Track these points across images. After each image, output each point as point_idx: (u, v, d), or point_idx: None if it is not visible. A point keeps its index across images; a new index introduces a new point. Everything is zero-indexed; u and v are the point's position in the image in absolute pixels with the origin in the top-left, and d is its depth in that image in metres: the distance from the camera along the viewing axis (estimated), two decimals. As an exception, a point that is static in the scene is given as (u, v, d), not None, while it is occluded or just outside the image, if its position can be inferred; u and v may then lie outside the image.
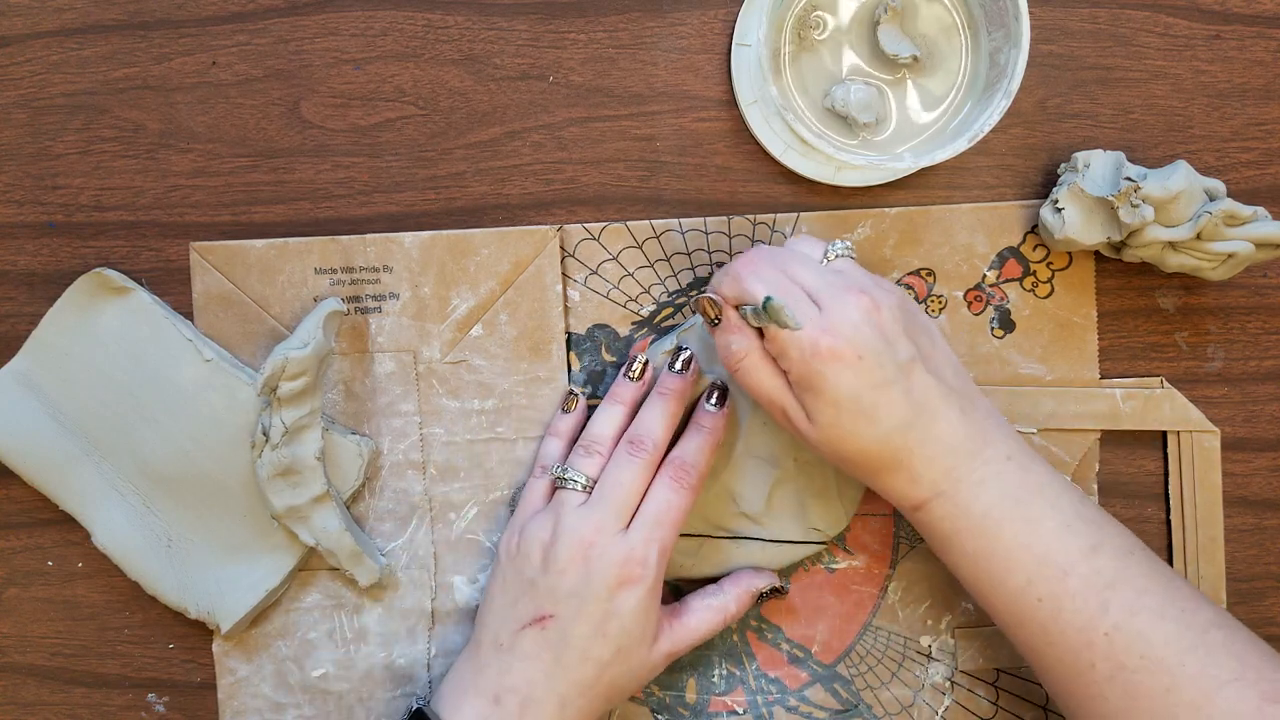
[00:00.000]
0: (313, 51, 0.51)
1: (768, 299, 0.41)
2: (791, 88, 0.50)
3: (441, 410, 0.51)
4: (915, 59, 0.49)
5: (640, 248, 0.51)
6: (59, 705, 0.52)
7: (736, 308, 0.45)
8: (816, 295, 0.43)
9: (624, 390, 0.49)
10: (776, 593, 0.50)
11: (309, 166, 0.51)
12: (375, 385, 0.51)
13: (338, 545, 0.49)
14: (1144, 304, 0.53)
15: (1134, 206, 0.47)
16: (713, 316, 0.45)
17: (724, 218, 0.51)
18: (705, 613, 0.48)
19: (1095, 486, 0.52)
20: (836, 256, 0.46)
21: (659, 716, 0.52)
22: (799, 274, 0.44)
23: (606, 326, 0.52)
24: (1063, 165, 0.51)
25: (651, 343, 0.52)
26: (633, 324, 0.52)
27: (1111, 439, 0.53)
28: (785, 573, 0.52)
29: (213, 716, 0.52)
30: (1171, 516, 0.53)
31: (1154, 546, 0.53)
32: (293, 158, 0.51)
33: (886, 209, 0.52)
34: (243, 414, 0.49)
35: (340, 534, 0.49)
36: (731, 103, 0.52)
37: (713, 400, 0.49)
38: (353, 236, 0.51)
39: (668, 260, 0.52)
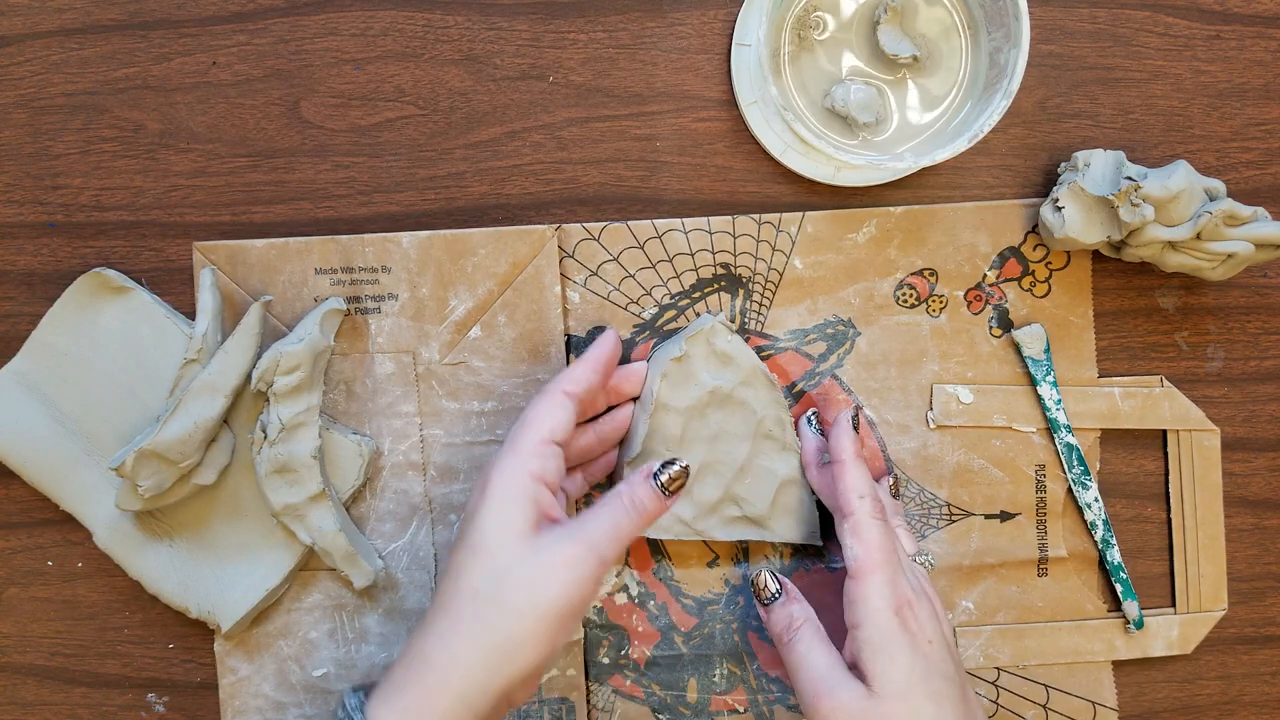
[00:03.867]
0: (313, 51, 0.51)
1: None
2: (791, 88, 0.50)
3: (441, 411, 0.51)
4: (915, 59, 0.49)
5: (642, 248, 0.51)
6: (59, 705, 0.52)
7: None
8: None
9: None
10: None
11: (309, 166, 0.51)
12: (376, 386, 0.51)
13: (333, 545, 0.49)
14: (1144, 304, 0.53)
15: (1134, 206, 0.47)
16: (773, 592, 0.47)
17: (728, 217, 0.51)
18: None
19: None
20: (921, 563, 0.48)
21: (660, 716, 0.52)
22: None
23: (607, 329, 0.52)
24: (1063, 164, 0.51)
25: (654, 346, 0.52)
26: (634, 327, 0.52)
27: (1111, 438, 0.53)
28: (786, 570, 0.52)
29: (213, 716, 0.52)
30: (1172, 516, 0.53)
31: (1154, 546, 0.53)
32: (293, 158, 0.51)
33: (892, 208, 0.52)
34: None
35: (335, 534, 0.49)
36: (731, 103, 0.52)
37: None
38: (351, 236, 0.51)
39: (670, 261, 0.52)
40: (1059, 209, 0.49)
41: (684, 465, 0.44)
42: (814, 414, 0.51)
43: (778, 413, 0.50)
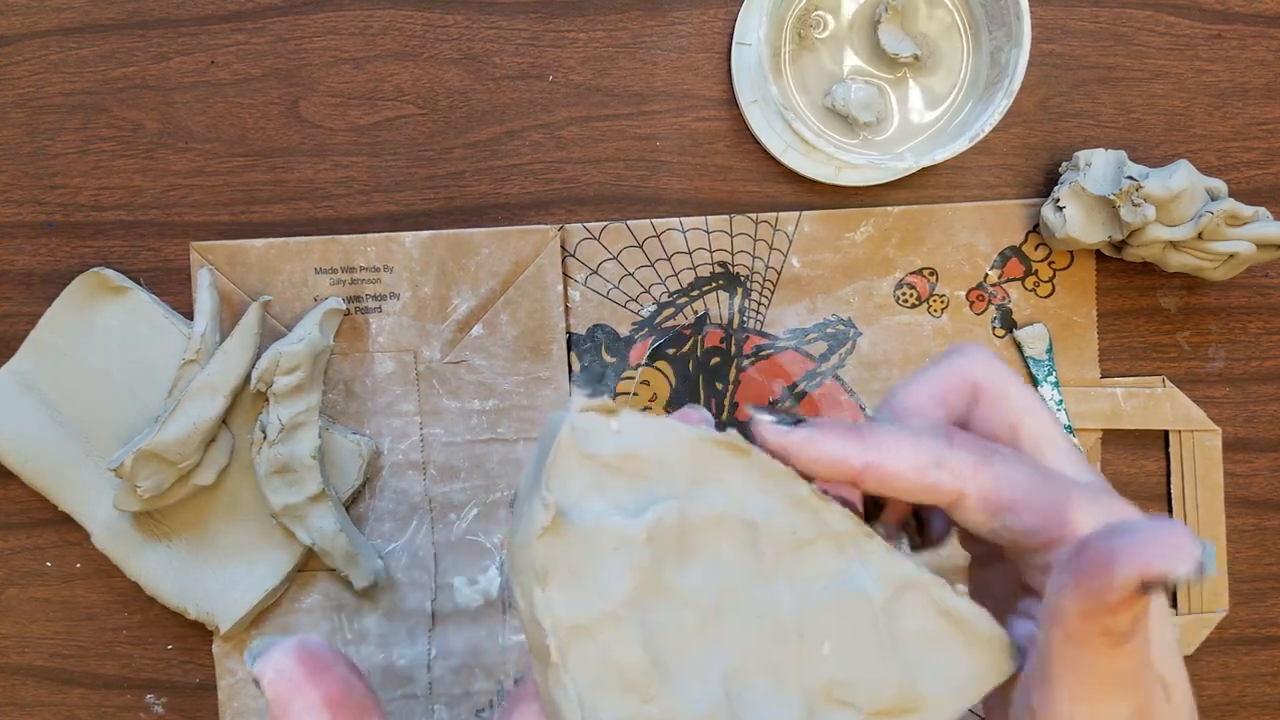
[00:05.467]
0: (311, 51, 0.51)
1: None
2: (792, 87, 0.50)
3: (442, 410, 0.51)
4: (916, 58, 0.49)
5: (641, 247, 0.51)
6: (58, 706, 0.52)
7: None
8: None
9: None
10: None
11: (308, 166, 0.51)
12: (375, 385, 0.51)
13: (333, 546, 0.49)
14: (1145, 304, 0.53)
15: (1135, 205, 0.47)
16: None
17: (725, 216, 0.51)
18: None
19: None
20: None
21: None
22: None
23: (607, 327, 0.52)
24: (1064, 164, 0.51)
25: (652, 345, 0.52)
26: (633, 324, 0.52)
27: (1113, 438, 0.53)
28: None
29: (212, 717, 0.52)
30: (1173, 516, 0.53)
31: (1155, 547, 0.53)
32: (291, 157, 0.51)
33: (889, 208, 0.51)
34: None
35: (335, 535, 0.49)
36: (732, 102, 0.52)
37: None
38: (353, 236, 0.51)
39: (669, 260, 0.51)
40: (1060, 209, 0.49)
41: None
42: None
43: (781, 487, 0.26)
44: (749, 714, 0.24)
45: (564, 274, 0.51)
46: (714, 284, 0.52)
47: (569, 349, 0.52)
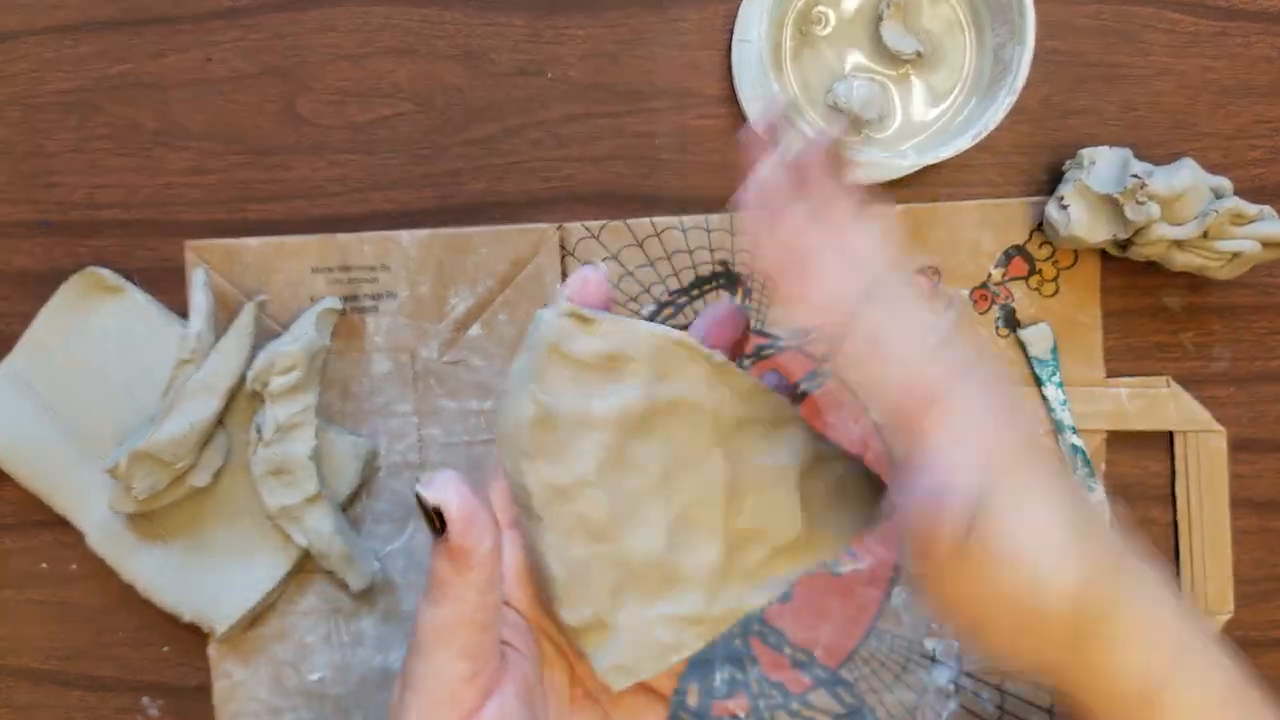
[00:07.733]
0: (309, 47, 0.51)
1: None
2: (793, 84, 0.49)
3: (439, 411, 0.51)
4: (919, 55, 0.48)
5: (640, 246, 0.51)
6: (54, 708, 0.52)
7: None
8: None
9: None
10: None
11: (305, 164, 0.51)
12: (372, 385, 0.51)
13: (329, 548, 0.48)
14: (1150, 303, 0.52)
15: (1140, 204, 0.46)
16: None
17: (726, 215, 0.51)
18: None
19: (1100, 487, 0.52)
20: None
21: (659, 720, 0.51)
22: None
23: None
24: (1068, 162, 0.50)
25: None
26: (633, 323, 0.51)
27: (1117, 439, 0.52)
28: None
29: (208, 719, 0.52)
30: (1178, 517, 0.53)
31: (1160, 548, 0.53)
32: (289, 155, 0.51)
33: (892, 206, 0.51)
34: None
35: (331, 537, 0.48)
36: (732, 99, 0.51)
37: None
38: (349, 235, 0.50)
39: (668, 259, 0.51)
40: (1064, 207, 0.48)
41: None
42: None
43: (729, 382, 0.32)
44: (684, 553, 0.31)
45: (563, 273, 0.51)
46: (714, 283, 0.51)
47: (568, 349, 0.51)
